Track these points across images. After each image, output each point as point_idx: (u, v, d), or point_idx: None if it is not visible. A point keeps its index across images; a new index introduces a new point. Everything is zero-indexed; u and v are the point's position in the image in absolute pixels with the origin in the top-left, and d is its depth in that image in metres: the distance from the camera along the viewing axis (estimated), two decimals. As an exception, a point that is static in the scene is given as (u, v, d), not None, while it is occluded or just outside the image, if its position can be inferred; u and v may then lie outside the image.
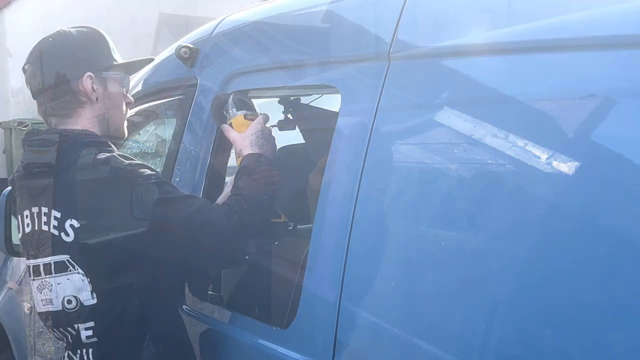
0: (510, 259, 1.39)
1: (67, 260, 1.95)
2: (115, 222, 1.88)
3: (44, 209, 1.98)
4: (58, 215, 1.94)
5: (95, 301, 1.95)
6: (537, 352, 1.33)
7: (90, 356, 1.99)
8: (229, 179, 2.23)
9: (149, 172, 1.95)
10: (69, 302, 1.98)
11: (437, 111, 1.58)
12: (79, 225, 1.90)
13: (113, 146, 2.08)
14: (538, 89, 1.43)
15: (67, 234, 1.92)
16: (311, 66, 2.03)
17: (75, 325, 1.99)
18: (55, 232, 1.94)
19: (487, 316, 1.42)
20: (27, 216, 2.06)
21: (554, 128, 1.38)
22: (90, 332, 1.98)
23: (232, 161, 2.32)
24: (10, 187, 2.36)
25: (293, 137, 2.74)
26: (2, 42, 12.56)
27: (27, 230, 2.07)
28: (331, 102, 2.44)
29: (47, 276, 2.01)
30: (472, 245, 1.47)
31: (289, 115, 2.61)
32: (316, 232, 1.82)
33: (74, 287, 1.96)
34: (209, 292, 2.26)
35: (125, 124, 2.20)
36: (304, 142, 2.75)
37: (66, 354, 2.06)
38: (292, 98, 2.62)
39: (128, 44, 10.73)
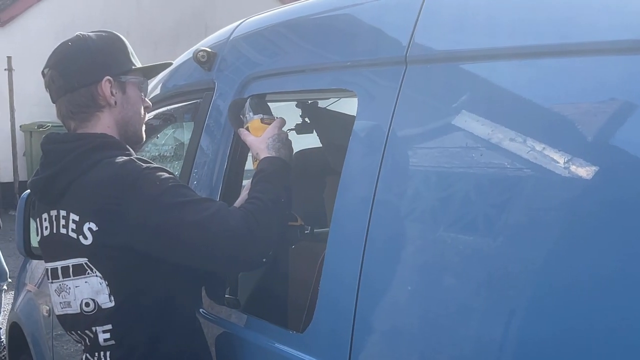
0: (529, 263, 1.39)
1: (85, 263, 1.96)
2: (133, 225, 1.89)
3: (63, 212, 1.99)
4: (76, 218, 1.95)
5: (113, 304, 1.96)
6: (556, 356, 1.32)
7: (108, 358, 2.00)
8: (246, 182, 2.24)
9: (166, 175, 1.96)
10: (87, 305, 1.98)
11: (454, 115, 1.58)
12: (97, 228, 1.91)
13: (131, 150, 2.09)
14: (557, 93, 1.43)
15: (86, 237, 1.93)
16: (328, 70, 2.03)
17: (93, 328, 2.00)
18: (74, 235, 1.95)
19: (505, 321, 1.42)
20: (45, 219, 2.08)
21: (572, 132, 1.38)
22: (108, 335, 1.98)
23: (249, 164, 2.32)
24: (29, 190, 2.37)
25: (310, 140, 2.74)
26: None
27: (46, 233, 2.08)
28: (348, 106, 2.44)
29: (65, 279, 2.02)
30: (490, 250, 1.46)
31: (306, 119, 2.61)
32: (333, 236, 1.82)
33: (92, 290, 1.97)
34: (226, 296, 2.27)
35: (144, 127, 2.21)
36: (320, 145, 2.75)
37: (84, 357, 2.07)
38: (309, 102, 2.62)
39: (147, 48, 10.80)
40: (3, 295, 5.92)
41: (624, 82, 1.32)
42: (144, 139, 2.26)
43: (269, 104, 2.27)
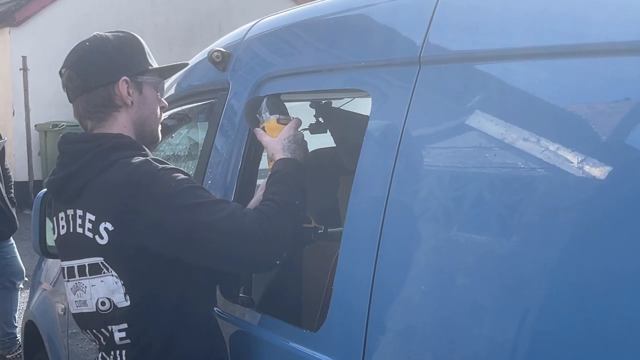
0: (543, 263, 1.39)
1: (101, 262, 1.98)
2: (149, 225, 1.90)
3: (79, 212, 2.01)
4: (92, 218, 1.96)
5: (128, 303, 1.97)
6: (570, 356, 1.32)
7: (124, 357, 2.01)
8: (261, 182, 2.25)
9: (182, 176, 1.97)
10: (103, 304, 1.99)
11: (467, 115, 1.58)
12: (113, 228, 1.92)
13: (147, 150, 2.10)
14: (570, 94, 1.43)
15: (102, 237, 1.94)
16: (342, 70, 2.04)
17: (109, 327, 2.01)
18: (90, 235, 1.97)
19: (518, 321, 1.42)
20: (62, 218, 2.09)
21: (586, 133, 1.38)
22: (123, 334, 1.99)
23: (264, 164, 2.33)
24: (45, 189, 2.38)
25: (324, 140, 2.75)
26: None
27: (62, 232, 2.09)
28: (362, 106, 2.44)
29: (81, 278, 2.04)
30: (503, 250, 1.47)
31: (320, 119, 2.62)
32: (346, 235, 1.82)
33: (107, 289, 1.98)
34: (240, 295, 2.28)
35: (160, 127, 2.22)
36: (334, 145, 2.76)
37: (99, 355, 2.08)
38: (323, 102, 2.63)
39: (161, 48, 10.84)
40: (19, 293, 5.96)
41: (638, 83, 1.32)
42: (160, 139, 2.27)
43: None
